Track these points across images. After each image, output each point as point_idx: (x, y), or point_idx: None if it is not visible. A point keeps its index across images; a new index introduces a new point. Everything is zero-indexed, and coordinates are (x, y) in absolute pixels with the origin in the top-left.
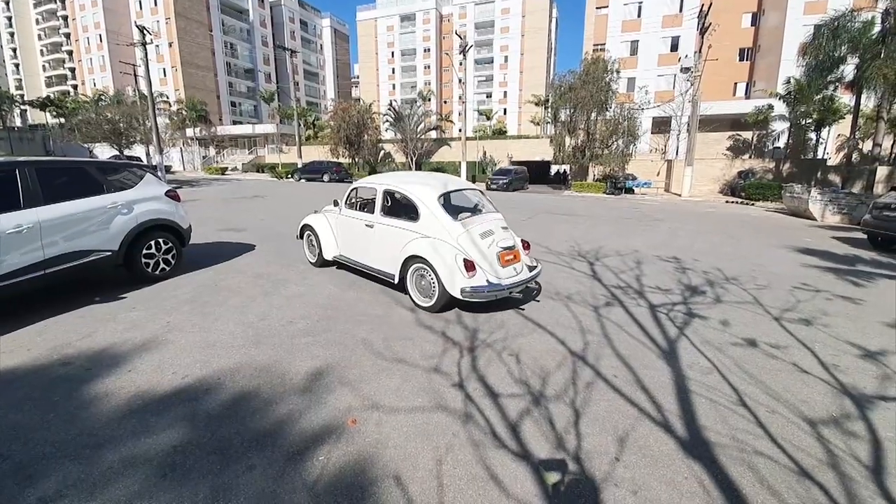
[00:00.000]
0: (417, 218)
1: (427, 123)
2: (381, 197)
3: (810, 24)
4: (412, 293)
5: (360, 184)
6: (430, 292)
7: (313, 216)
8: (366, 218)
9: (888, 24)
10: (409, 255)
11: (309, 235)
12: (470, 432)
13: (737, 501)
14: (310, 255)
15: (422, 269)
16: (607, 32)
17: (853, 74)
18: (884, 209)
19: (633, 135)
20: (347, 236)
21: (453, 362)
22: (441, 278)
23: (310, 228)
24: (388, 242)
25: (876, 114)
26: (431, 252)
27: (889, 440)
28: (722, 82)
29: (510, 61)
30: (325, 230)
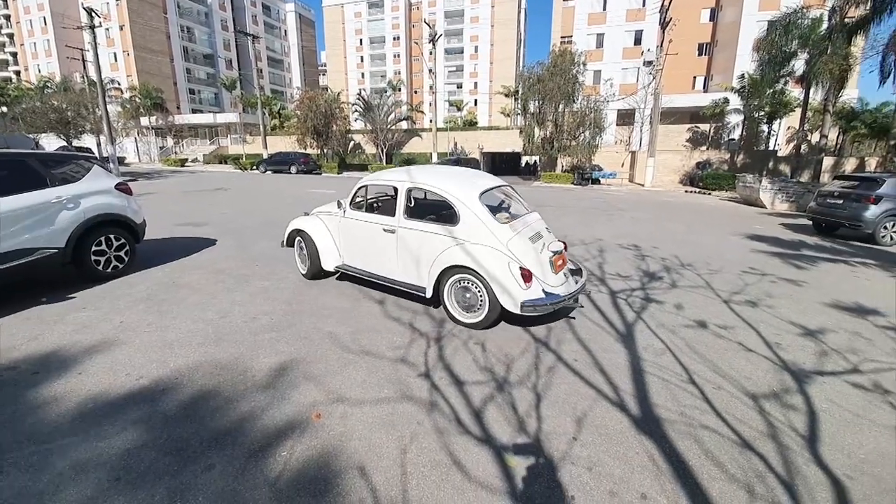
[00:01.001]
0: (456, 221)
1: (397, 114)
2: (403, 196)
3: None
4: (451, 309)
5: (370, 181)
6: (476, 307)
7: (305, 219)
8: (383, 221)
9: (834, 21)
10: (449, 265)
11: (300, 242)
12: (435, 420)
13: (683, 473)
14: (301, 265)
15: (466, 281)
16: (574, 25)
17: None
18: (827, 197)
19: (599, 126)
20: (356, 243)
21: (420, 353)
22: (494, 291)
23: (301, 234)
24: (415, 250)
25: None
26: (481, 261)
27: (824, 411)
28: (682, 76)
29: (480, 52)
30: (322, 236)
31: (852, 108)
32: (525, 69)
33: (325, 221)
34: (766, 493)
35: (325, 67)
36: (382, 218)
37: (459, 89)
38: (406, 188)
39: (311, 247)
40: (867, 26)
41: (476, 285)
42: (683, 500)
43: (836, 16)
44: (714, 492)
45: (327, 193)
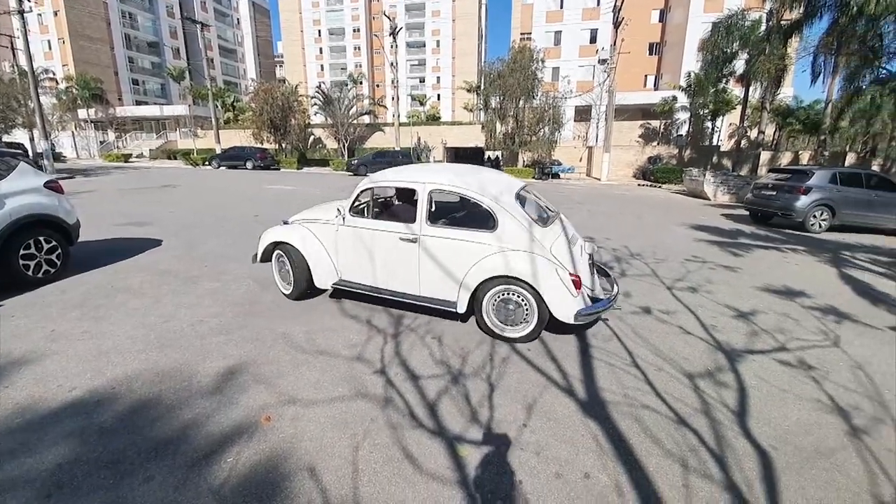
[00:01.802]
0: (493, 226)
1: (359, 108)
2: (425, 200)
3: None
4: (490, 324)
5: (376, 182)
6: (523, 319)
7: (286, 230)
8: (398, 229)
9: (772, 24)
10: (491, 276)
11: (280, 258)
12: (389, 416)
13: (624, 451)
14: (283, 284)
15: (510, 293)
16: (533, 22)
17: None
18: (762, 189)
19: (558, 122)
20: (361, 255)
21: (377, 349)
22: (546, 301)
23: (283, 248)
24: (443, 261)
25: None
26: (528, 270)
27: (753, 387)
28: (634, 74)
29: (442, 46)
30: (313, 249)
31: (788, 106)
32: (486, 65)
33: (314, 231)
34: (699, 466)
35: (281, 58)
36: (397, 225)
37: (422, 83)
38: (428, 191)
39: (298, 262)
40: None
41: (521, 296)
42: (623, 477)
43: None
44: (651, 467)
45: (285, 190)
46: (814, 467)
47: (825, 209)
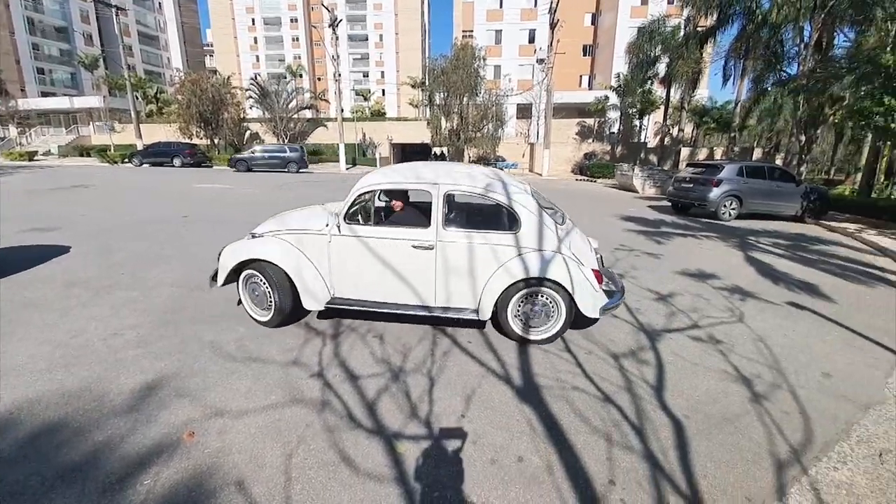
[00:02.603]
0: (516, 227)
1: (299, 101)
2: (441, 203)
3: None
4: (515, 327)
5: (376, 185)
6: (550, 320)
7: (257, 244)
8: (409, 236)
9: (689, 30)
10: (521, 278)
11: (253, 278)
12: (325, 420)
13: (555, 431)
14: (258, 310)
15: (538, 293)
16: (474, 20)
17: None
18: (681, 182)
19: (501, 120)
20: (361, 267)
21: (314, 352)
22: (575, 300)
23: (257, 266)
24: (463, 267)
25: (680, 104)
26: (556, 269)
27: (669, 363)
28: (570, 74)
29: (385, 40)
30: (299, 264)
31: (704, 106)
32: (430, 61)
33: (296, 244)
34: (621, 439)
35: (211, 47)
36: (406, 231)
37: (366, 78)
38: (444, 193)
39: (280, 282)
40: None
41: (547, 297)
42: (553, 456)
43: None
44: (579, 444)
45: (218, 189)
46: (721, 432)
47: (734, 199)
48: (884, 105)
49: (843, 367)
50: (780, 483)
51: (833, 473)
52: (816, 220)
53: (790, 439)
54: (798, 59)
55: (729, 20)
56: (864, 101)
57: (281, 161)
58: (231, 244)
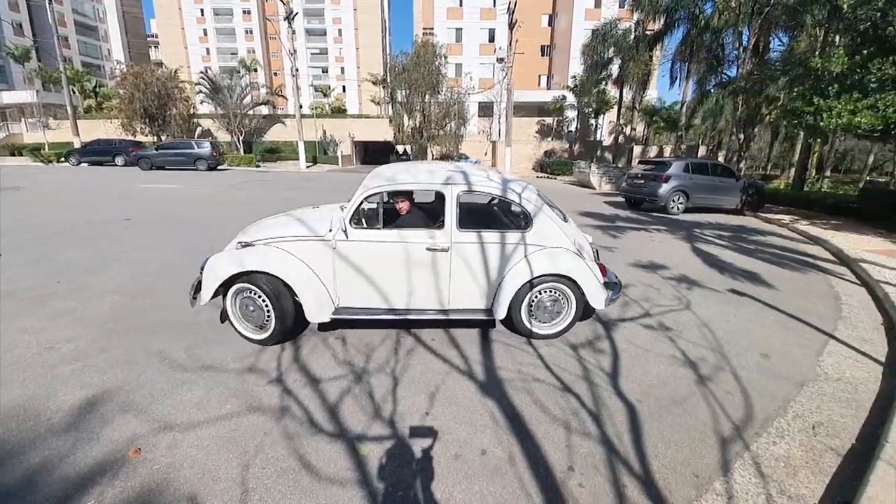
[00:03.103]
0: (528, 225)
1: (255, 97)
2: (454, 203)
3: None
4: (527, 324)
5: (384, 186)
6: (560, 314)
7: (250, 254)
8: (422, 238)
9: (638, 33)
10: (537, 275)
11: (245, 293)
12: (285, 427)
13: (517, 422)
14: (251, 328)
15: (549, 290)
16: (434, 18)
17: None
18: (634, 178)
19: (463, 118)
20: (371, 274)
21: (273, 357)
22: (586, 293)
23: (252, 278)
24: (478, 267)
25: (632, 104)
26: (568, 264)
27: (623, 350)
28: (529, 74)
29: (345, 36)
30: (301, 275)
31: (653, 106)
32: (391, 57)
33: (295, 253)
34: (579, 426)
35: (156, 39)
36: (421, 234)
37: (325, 74)
38: (457, 193)
39: (280, 295)
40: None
41: (559, 292)
42: (515, 447)
43: (639, 28)
44: (540, 434)
45: (168, 189)
46: (670, 414)
47: (681, 194)
48: (813, 105)
49: (779, 348)
50: (725, 459)
51: (772, 448)
52: (754, 213)
53: (733, 417)
54: (737, 63)
55: (675, 25)
56: (796, 101)
57: (188, 158)
58: (217, 255)
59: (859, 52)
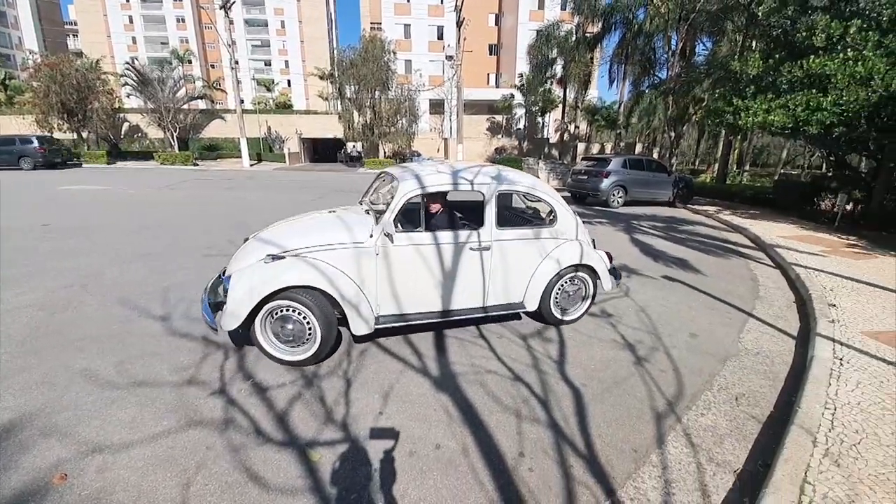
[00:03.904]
0: (553, 221)
1: (190, 90)
2: (494, 203)
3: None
4: (555, 312)
5: (427, 187)
6: (579, 301)
7: (289, 267)
8: (468, 238)
9: (579, 35)
10: (563, 267)
11: (283, 311)
12: (229, 439)
13: (470, 414)
14: (286, 348)
15: (573, 280)
16: (382, 13)
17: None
18: (578, 174)
19: (414, 115)
20: (415, 278)
21: (215, 367)
22: (600, 280)
23: (293, 294)
24: (514, 263)
25: (575, 103)
26: (592, 254)
27: (569, 338)
28: (478, 72)
29: (288, 28)
30: (346, 287)
31: (595, 105)
32: (338, 52)
33: (334, 263)
34: (529, 413)
35: (75, 26)
36: (464, 234)
37: (268, 67)
38: (496, 193)
39: (327, 311)
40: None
41: (579, 280)
42: (469, 438)
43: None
44: (493, 424)
45: (92, 191)
46: (612, 394)
47: (621, 189)
48: (733, 105)
49: (706, 327)
50: (660, 433)
51: (700, 419)
52: (685, 205)
53: (666, 394)
54: (667, 65)
55: (612, 28)
56: (717, 101)
57: (10, 156)
58: (241, 271)
59: (772, 55)
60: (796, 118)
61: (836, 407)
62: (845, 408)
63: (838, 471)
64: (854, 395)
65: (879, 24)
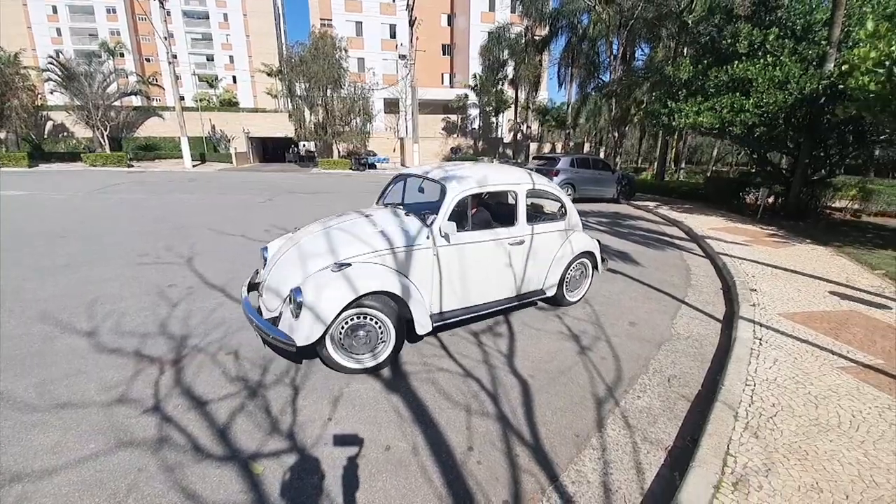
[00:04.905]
0: (564, 215)
1: (122, 86)
2: (524, 200)
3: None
4: (567, 296)
5: (474, 188)
6: (582, 282)
7: (361, 273)
8: (509, 234)
9: (528, 38)
10: (575, 254)
11: (360, 318)
12: (164, 459)
13: (421, 413)
14: (356, 357)
15: (579, 265)
16: (332, 9)
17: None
18: None
19: (369, 114)
20: (465, 275)
21: (149, 384)
22: (598, 263)
23: (370, 301)
24: (540, 254)
25: (526, 104)
26: (589, 242)
27: (519, 332)
28: (432, 72)
29: (232, 21)
30: (411, 288)
31: (545, 106)
32: (287, 48)
33: (398, 266)
34: (479, 408)
35: None
36: (506, 231)
37: (211, 62)
38: (526, 191)
39: (398, 314)
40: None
41: (582, 265)
42: (419, 437)
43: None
44: (443, 421)
45: (7, 196)
46: (557, 384)
47: (569, 186)
48: (667, 107)
49: (643, 315)
50: (600, 417)
51: (637, 401)
52: (628, 201)
53: (606, 380)
54: (610, 69)
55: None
56: (654, 104)
57: None
58: (315, 282)
59: (701, 61)
60: (723, 119)
61: (755, 383)
62: (763, 384)
63: (757, 442)
64: (771, 371)
65: (794, 33)
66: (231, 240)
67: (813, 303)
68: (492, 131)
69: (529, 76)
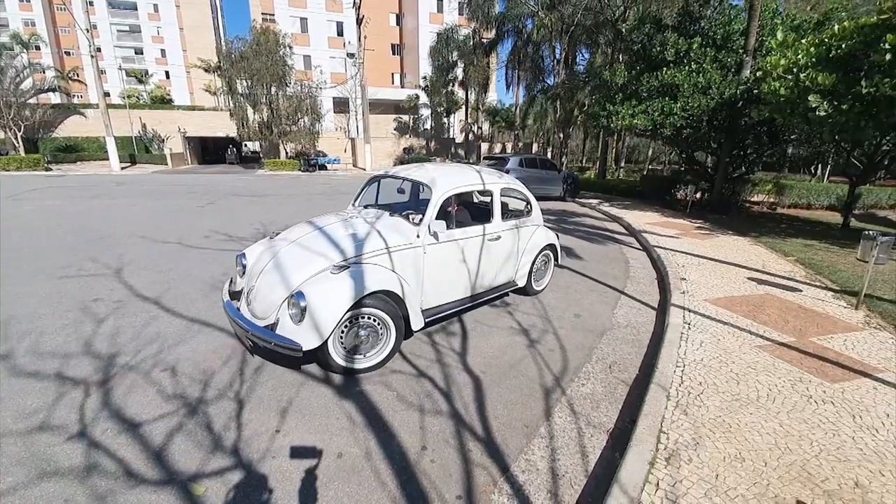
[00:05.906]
0: (530, 211)
1: (38, 81)
2: (498, 198)
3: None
4: (535, 285)
5: (458, 187)
6: (547, 273)
7: (363, 274)
8: (487, 231)
9: (476, 40)
10: (541, 248)
11: (360, 319)
12: (93, 487)
13: (374, 417)
14: (359, 356)
15: (544, 257)
16: (275, 4)
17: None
18: None
19: (317, 113)
20: (451, 271)
21: (73, 408)
22: (558, 255)
23: (371, 301)
24: (510, 248)
25: (476, 105)
26: (552, 236)
27: (472, 329)
28: (382, 71)
29: (163, 12)
30: (406, 286)
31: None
32: (226, 42)
33: (393, 265)
34: (432, 407)
35: None
36: (485, 227)
37: (140, 56)
38: (500, 190)
39: (393, 311)
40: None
41: (546, 257)
42: (372, 442)
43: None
44: (396, 423)
45: None
46: (508, 378)
47: None
48: (606, 110)
49: (587, 307)
50: (548, 406)
51: (581, 389)
52: (573, 199)
53: (554, 370)
54: (553, 73)
55: (505, 35)
56: (594, 106)
57: None
58: (317, 285)
59: (635, 67)
60: (655, 121)
61: (684, 364)
62: (691, 364)
63: (686, 419)
64: (698, 353)
65: (715, 42)
66: (166, 248)
67: (734, 288)
68: (444, 132)
69: (479, 78)
